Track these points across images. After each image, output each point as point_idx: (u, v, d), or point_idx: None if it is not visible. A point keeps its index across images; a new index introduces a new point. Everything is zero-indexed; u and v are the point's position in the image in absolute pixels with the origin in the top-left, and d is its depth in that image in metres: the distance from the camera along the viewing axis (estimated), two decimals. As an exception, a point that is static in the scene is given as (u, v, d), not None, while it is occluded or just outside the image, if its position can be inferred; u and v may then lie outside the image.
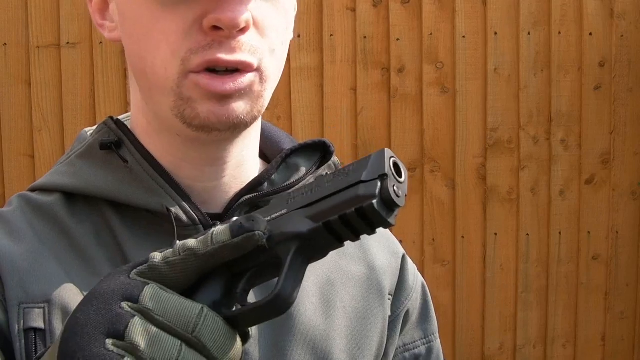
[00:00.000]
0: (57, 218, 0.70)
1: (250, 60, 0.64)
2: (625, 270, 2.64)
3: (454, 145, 2.52)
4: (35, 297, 0.63)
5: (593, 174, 2.60)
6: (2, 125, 2.37)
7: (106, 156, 0.71)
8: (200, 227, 0.69)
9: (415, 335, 0.81)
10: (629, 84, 2.58)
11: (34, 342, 0.62)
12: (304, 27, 2.43)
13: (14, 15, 2.34)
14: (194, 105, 0.64)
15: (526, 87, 2.53)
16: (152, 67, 0.65)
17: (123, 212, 0.70)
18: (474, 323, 2.56)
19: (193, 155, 0.70)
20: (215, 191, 0.72)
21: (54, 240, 0.68)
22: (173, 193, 0.69)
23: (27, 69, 2.36)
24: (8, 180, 2.38)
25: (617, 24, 2.56)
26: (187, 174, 0.71)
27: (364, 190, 0.49)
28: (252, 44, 0.64)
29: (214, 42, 0.63)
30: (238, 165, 0.73)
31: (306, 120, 2.44)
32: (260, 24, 0.65)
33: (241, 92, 0.64)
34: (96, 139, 0.73)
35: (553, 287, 2.60)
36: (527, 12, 2.52)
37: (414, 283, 0.82)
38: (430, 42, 2.49)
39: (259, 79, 0.66)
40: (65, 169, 0.73)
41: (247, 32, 0.64)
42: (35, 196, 0.72)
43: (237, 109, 0.65)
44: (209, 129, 0.65)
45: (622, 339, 2.67)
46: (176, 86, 0.64)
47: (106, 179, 0.70)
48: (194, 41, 0.63)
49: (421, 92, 2.49)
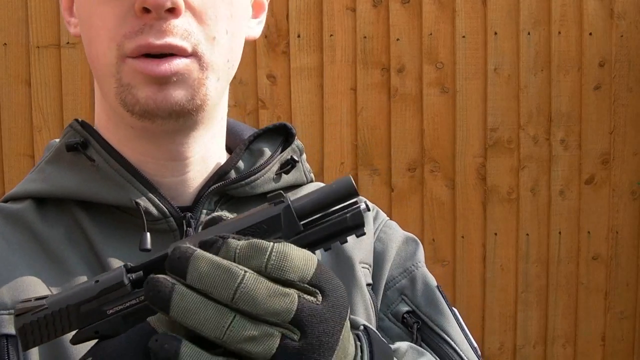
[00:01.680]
0: (27, 224, 0.69)
1: (181, 44, 0.64)
2: (625, 270, 2.64)
3: (454, 145, 2.52)
4: (5, 303, 0.63)
5: (593, 174, 2.60)
6: (2, 125, 2.37)
7: (73, 157, 0.72)
8: (171, 219, 0.69)
9: (394, 272, 0.78)
10: (629, 84, 2.58)
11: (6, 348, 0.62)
12: (304, 27, 2.44)
13: (14, 15, 2.34)
14: (133, 92, 0.65)
15: (526, 87, 2.53)
16: (96, 55, 0.67)
17: (93, 212, 0.70)
18: (474, 323, 2.56)
19: (152, 150, 0.71)
20: (181, 185, 0.72)
21: (24, 246, 0.68)
22: (141, 187, 0.69)
23: (27, 69, 2.36)
24: (8, 180, 2.38)
25: (617, 24, 2.56)
26: (151, 169, 0.71)
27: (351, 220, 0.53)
28: (185, 28, 0.65)
29: (145, 26, 0.64)
30: (203, 160, 0.73)
31: (306, 120, 2.44)
32: (197, 10, 0.66)
33: (178, 77, 0.65)
34: (63, 142, 0.73)
35: (553, 287, 2.60)
36: (527, 12, 2.52)
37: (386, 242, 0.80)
38: (430, 42, 2.49)
39: (198, 65, 0.66)
40: (35, 176, 0.74)
41: (181, 17, 0.64)
42: (6, 205, 0.72)
43: (176, 95, 0.65)
44: (150, 115, 0.66)
45: (622, 339, 2.67)
46: (116, 72, 0.65)
47: (74, 180, 0.70)
48: (128, 26, 0.64)
49: (421, 92, 2.49)
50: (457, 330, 0.74)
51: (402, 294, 0.77)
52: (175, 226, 0.69)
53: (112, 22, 0.65)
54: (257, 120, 2.42)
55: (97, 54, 0.67)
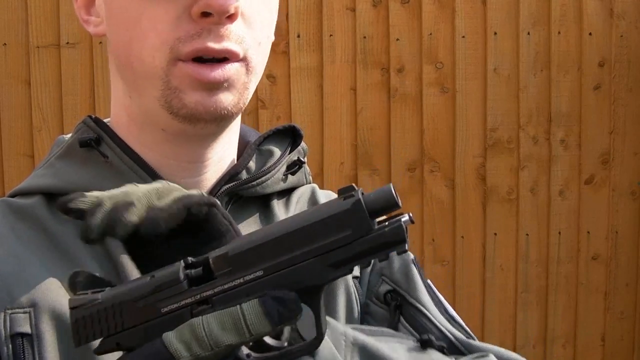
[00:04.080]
0: (39, 219, 0.69)
1: (237, 49, 0.65)
2: (625, 270, 2.64)
3: (454, 145, 2.52)
4: (21, 301, 0.63)
5: (593, 174, 2.60)
6: (2, 125, 2.37)
7: (86, 154, 0.71)
8: None
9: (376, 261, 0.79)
10: (629, 84, 2.58)
11: (21, 347, 0.61)
12: (304, 27, 2.44)
13: (14, 15, 2.34)
14: (181, 96, 0.65)
15: (526, 87, 2.53)
16: (139, 56, 0.66)
17: None
18: (474, 323, 2.56)
19: (177, 151, 0.71)
20: (195, 186, 0.72)
21: (37, 242, 0.68)
22: None
23: (27, 69, 2.36)
24: (8, 180, 2.38)
25: (617, 24, 2.56)
26: (169, 170, 0.71)
27: (390, 236, 0.50)
28: (238, 33, 0.65)
29: (203, 31, 0.63)
30: (219, 161, 0.74)
31: (306, 120, 2.44)
32: (248, 15, 0.66)
33: (228, 82, 0.65)
34: (75, 138, 0.73)
35: (553, 287, 2.60)
36: (527, 12, 2.52)
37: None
38: (430, 42, 2.49)
39: (246, 69, 0.67)
40: (44, 171, 0.73)
41: (235, 22, 0.65)
42: (16, 200, 0.72)
43: (225, 100, 0.65)
44: (196, 119, 0.66)
45: (621, 339, 2.67)
46: (164, 74, 0.65)
47: (86, 176, 0.70)
48: (183, 30, 0.63)
49: (421, 92, 2.49)
50: (430, 301, 0.74)
51: (382, 275, 0.76)
52: None
53: (164, 24, 0.64)
54: (256, 120, 2.42)
55: (142, 55, 0.65)
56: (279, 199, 0.79)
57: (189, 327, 0.49)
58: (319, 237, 0.49)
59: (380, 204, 0.49)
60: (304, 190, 0.82)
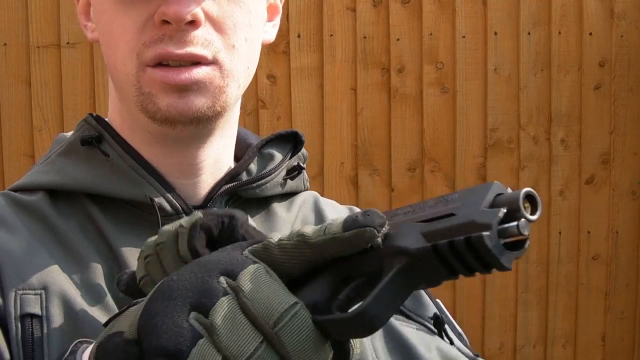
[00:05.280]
0: (43, 215, 0.70)
1: (202, 52, 0.65)
2: (625, 270, 2.64)
3: (454, 145, 2.52)
4: (32, 283, 0.63)
5: (593, 174, 2.60)
6: (2, 125, 2.37)
7: (87, 151, 0.72)
8: (184, 215, 0.70)
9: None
10: (629, 84, 2.58)
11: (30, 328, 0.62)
12: (304, 27, 2.44)
13: (14, 15, 2.34)
14: (154, 100, 0.66)
15: (526, 87, 2.53)
16: (115, 64, 0.68)
17: (105, 206, 0.71)
18: (474, 323, 2.56)
19: (168, 153, 0.72)
20: (193, 187, 0.74)
21: (42, 237, 0.68)
22: (156, 184, 0.70)
23: (27, 68, 2.36)
24: (8, 180, 2.38)
25: (617, 24, 2.56)
26: (165, 170, 0.72)
27: (481, 216, 0.41)
28: (205, 37, 0.66)
29: (165, 37, 0.65)
30: (215, 163, 0.75)
31: (306, 120, 2.44)
32: (216, 20, 0.67)
33: (199, 85, 0.66)
34: (77, 136, 0.74)
35: (553, 287, 2.60)
36: (527, 12, 2.52)
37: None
38: (430, 42, 2.49)
39: (219, 72, 0.67)
40: (46, 168, 0.74)
41: (201, 28, 0.65)
42: (20, 196, 0.72)
43: (197, 102, 0.66)
44: (172, 122, 0.67)
45: (622, 339, 2.67)
46: (136, 81, 0.66)
47: (88, 174, 0.71)
48: (147, 36, 0.65)
49: (421, 92, 2.49)
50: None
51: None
52: None
53: (131, 32, 0.66)
54: (257, 120, 2.42)
55: (116, 62, 0.68)
56: (280, 201, 0.79)
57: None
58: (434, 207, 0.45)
59: (501, 201, 0.42)
60: (307, 197, 0.83)
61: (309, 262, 0.46)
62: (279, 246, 0.46)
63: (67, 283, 0.65)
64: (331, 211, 0.82)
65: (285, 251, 0.46)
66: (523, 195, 0.42)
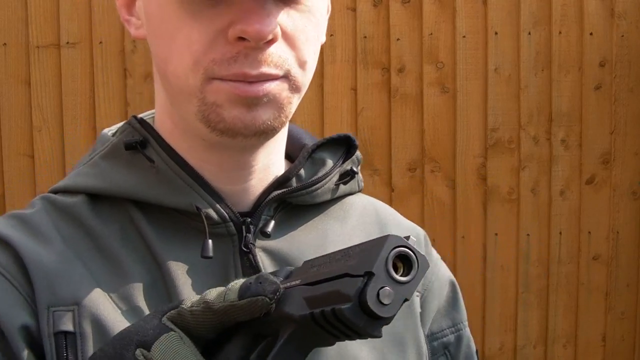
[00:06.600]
0: (82, 220, 0.68)
1: (276, 72, 0.63)
2: (626, 271, 2.64)
3: (454, 145, 2.52)
4: (65, 299, 0.62)
5: (593, 174, 2.60)
6: (2, 125, 2.36)
7: (131, 156, 0.70)
8: (231, 224, 0.69)
9: (443, 324, 0.79)
10: (630, 84, 2.58)
11: (64, 345, 0.61)
12: (304, 27, 2.43)
13: (14, 15, 2.34)
14: (219, 111, 0.63)
15: (526, 87, 2.53)
16: (175, 74, 0.65)
17: (149, 212, 0.69)
18: (474, 323, 2.56)
19: (219, 159, 0.70)
20: (242, 193, 0.72)
21: (79, 242, 0.67)
22: (202, 192, 0.68)
23: (27, 68, 2.36)
24: (8, 180, 2.37)
25: (618, 24, 2.55)
26: (213, 176, 0.70)
27: (345, 287, 0.42)
28: (279, 54, 0.63)
29: (239, 55, 0.61)
30: (265, 168, 0.73)
31: (306, 120, 2.44)
32: (290, 35, 0.64)
33: (269, 98, 0.63)
34: (120, 139, 0.72)
35: (553, 287, 2.60)
36: (528, 11, 2.51)
37: (433, 275, 0.82)
38: (430, 42, 2.48)
39: (288, 86, 0.65)
40: (88, 170, 0.72)
41: (275, 44, 0.63)
42: (59, 198, 0.71)
43: (264, 115, 0.64)
44: (234, 133, 0.64)
45: (622, 339, 2.67)
46: (199, 92, 0.63)
47: (132, 180, 0.69)
48: (218, 52, 0.62)
49: (421, 92, 2.49)
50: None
51: (446, 349, 0.78)
52: (235, 231, 0.69)
53: (198, 45, 0.62)
54: (257, 120, 2.41)
55: (176, 72, 0.64)
56: (333, 205, 0.78)
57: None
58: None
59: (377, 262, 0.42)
60: (365, 204, 0.81)
61: (219, 325, 0.50)
62: (190, 312, 0.50)
63: (102, 297, 0.64)
64: (394, 227, 0.81)
65: (195, 317, 0.50)
66: (392, 256, 0.40)
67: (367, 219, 0.79)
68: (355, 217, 0.78)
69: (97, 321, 0.62)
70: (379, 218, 0.80)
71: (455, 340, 0.79)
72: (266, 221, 0.70)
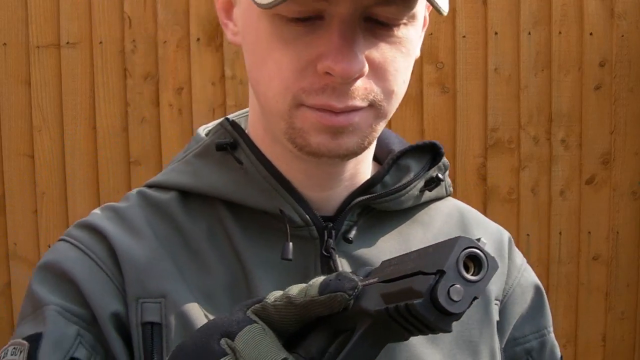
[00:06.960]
0: (172, 216, 0.71)
1: (361, 104, 0.64)
2: (626, 271, 2.64)
3: (455, 145, 2.52)
4: (153, 292, 0.66)
5: (593, 174, 2.60)
6: (2, 125, 2.36)
7: (222, 157, 0.73)
8: (313, 227, 0.70)
9: (526, 329, 0.79)
10: (630, 84, 2.58)
11: (150, 335, 0.65)
12: (304, 27, 2.43)
13: (13, 15, 2.34)
14: (305, 136, 0.65)
15: (526, 87, 2.53)
16: (265, 95, 0.66)
17: (237, 212, 0.71)
18: (475, 323, 2.56)
19: (307, 169, 0.71)
20: (327, 199, 0.73)
21: (169, 238, 0.70)
22: (287, 195, 0.70)
23: (27, 68, 2.36)
24: (8, 180, 2.38)
25: (618, 24, 2.56)
26: (299, 183, 0.72)
27: (418, 284, 0.45)
28: (365, 87, 0.64)
29: (327, 88, 0.62)
30: (352, 177, 0.74)
31: (306, 120, 2.44)
32: (378, 67, 0.65)
33: (354, 127, 0.64)
34: (212, 140, 0.74)
35: (553, 287, 2.60)
36: (528, 12, 2.51)
37: (514, 281, 0.81)
38: (430, 42, 2.49)
39: (373, 115, 0.66)
40: (182, 167, 0.75)
41: (363, 77, 0.63)
42: (153, 193, 0.74)
43: (348, 143, 0.65)
44: (319, 156, 0.66)
45: (622, 340, 2.67)
46: (288, 116, 0.65)
47: (222, 180, 0.72)
48: (307, 82, 0.63)
49: (421, 92, 2.49)
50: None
51: (529, 355, 0.78)
52: (317, 235, 0.70)
53: (288, 72, 0.63)
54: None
55: (267, 95, 0.66)
56: (419, 211, 0.78)
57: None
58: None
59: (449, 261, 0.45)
60: (451, 209, 0.81)
61: (299, 319, 0.52)
62: (273, 306, 0.52)
63: (187, 291, 0.67)
64: (480, 231, 0.82)
65: (278, 310, 0.52)
66: (463, 256, 0.44)
67: (451, 223, 0.80)
68: (439, 223, 0.79)
69: (182, 314, 0.65)
70: (462, 222, 0.81)
71: (539, 346, 0.79)
72: (349, 226, 0.72)
